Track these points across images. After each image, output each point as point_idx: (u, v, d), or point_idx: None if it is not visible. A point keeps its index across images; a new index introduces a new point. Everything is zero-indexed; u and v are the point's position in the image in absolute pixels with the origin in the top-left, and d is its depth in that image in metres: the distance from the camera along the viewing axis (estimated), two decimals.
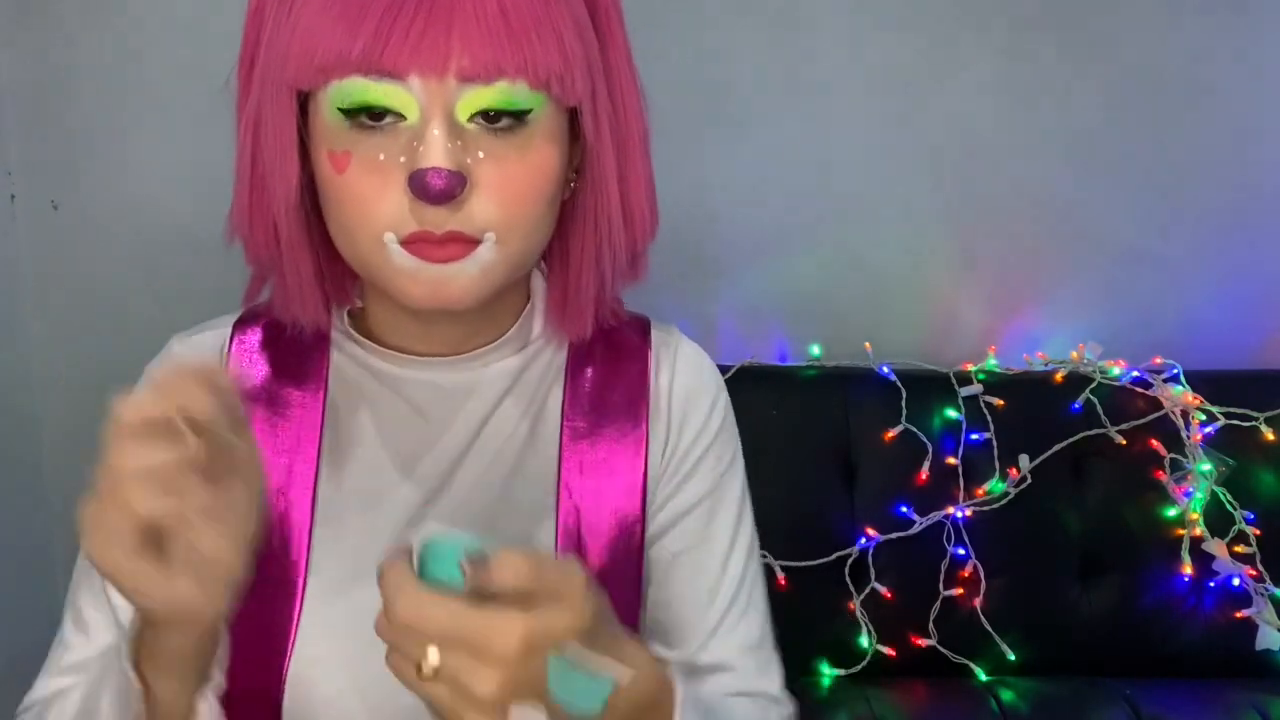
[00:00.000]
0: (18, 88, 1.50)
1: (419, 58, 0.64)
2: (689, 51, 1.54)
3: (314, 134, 0.69)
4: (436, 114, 0.65)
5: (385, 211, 0.67)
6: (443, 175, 0.64)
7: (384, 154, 0.66)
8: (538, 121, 0.68)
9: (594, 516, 0.79)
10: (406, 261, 0.68)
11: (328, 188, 0.69)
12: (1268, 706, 1.41)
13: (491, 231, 0.68)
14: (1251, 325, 1.66)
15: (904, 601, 1.51)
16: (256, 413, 0.78)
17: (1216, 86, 1.59)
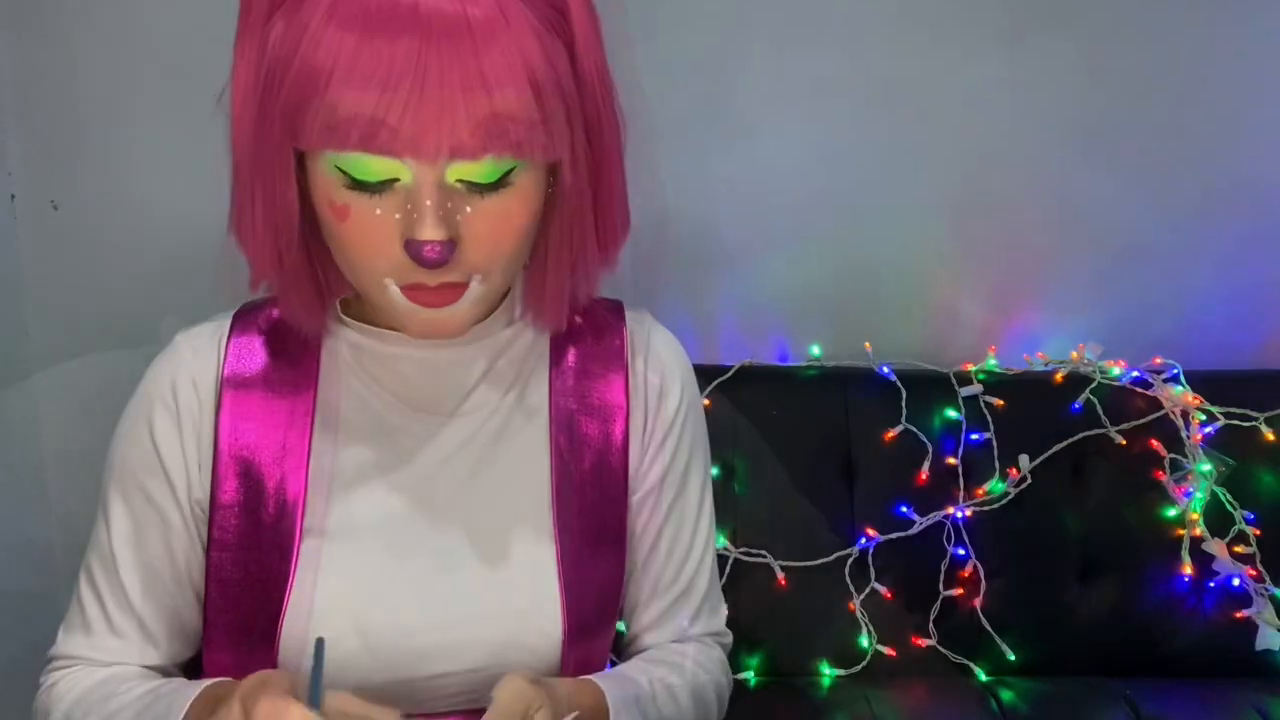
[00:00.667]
0: (18, 88, 1.49)
1: (411, 144, 0.69)
2: (689, 52, 1.54)
3: (313, 180, 0.75)
4: (427, 182, 0.72)
5: (384, 263, 0.75)
6: (436, 249, 0.72)
7: (380, 210, 0.73)
8: (520, 177, 0.74)
9: (583, 482, 0.88)
10: (405, 303, 0.76)
11: (330, 232, 0.76)
12: (1268, 706, 1.41)
13: (478, 273, 0.76)
14: (1251, 325, 1.66)
15: (904, 601, 1.51)
16: (254, 393, 0.85)
17: (1217, 85, 1.59)
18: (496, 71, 0.68)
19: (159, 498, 0.85)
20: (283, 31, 0.71)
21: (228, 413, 0.84)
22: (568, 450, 0.88)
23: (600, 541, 0.88)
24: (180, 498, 0.85)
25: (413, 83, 0.67)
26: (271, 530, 0.83)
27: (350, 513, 0.84)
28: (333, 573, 0.83)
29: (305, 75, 0.69)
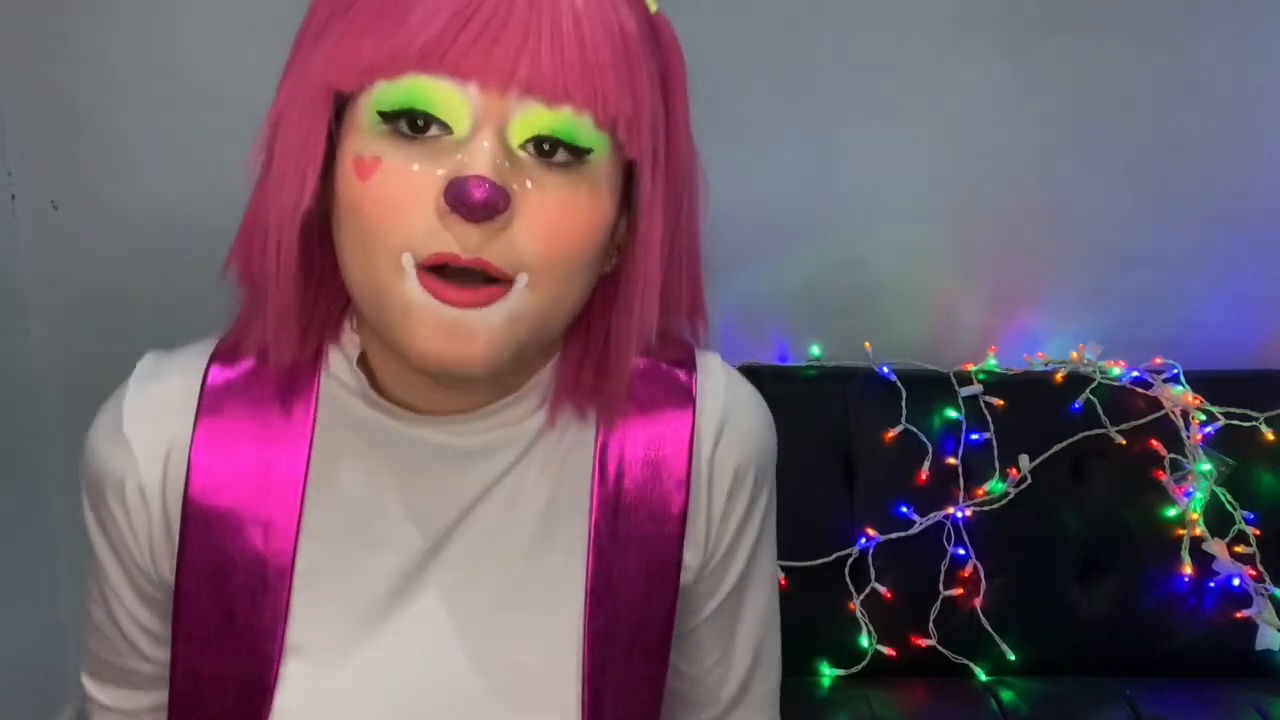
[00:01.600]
0: (18, 88, 1.50)
1: (485, 61, 0.57)
2: (689, 53, 1.54)
3: (344, 140, 0.61)
4: (488, 128, 0.58)
5: (409, 226, 0.59)
6: (485, 185, 0.57)
7: (419, 164, 0.59)
8: (597, 165, 0.61)
9: (625, 584, 0.72)
10: (421, 296, 0.59)
11: (347, 198, 0.60)
12: (1268, 706, 1.41)
13: (526, 272, 0.60)
14: (1251, 325, 1.66)
15: (904, 601, 1.51)
16: (231, 474, 0.69)
17: (1216, 88, 1.59)
18: (590, 19, 0.58)
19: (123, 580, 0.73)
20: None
21: (198, 494, 0.68)
22: (609, 544, 0.72)
23: (637, 653, 0.73)
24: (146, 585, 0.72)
25: (498, 6, 0.57)
26: (248, 634, 0.69)
27: (343, 622, 0.70)
28: (321, 694, 0.69)
29: None
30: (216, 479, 0.68)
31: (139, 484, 0.68)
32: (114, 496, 0.69)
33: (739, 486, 0.74)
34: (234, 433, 0.69)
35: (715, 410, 0.74)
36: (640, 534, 0.72)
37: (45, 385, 1.58)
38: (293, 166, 0.61)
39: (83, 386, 1.59)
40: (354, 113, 0.60)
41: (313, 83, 0.60)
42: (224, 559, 0.68)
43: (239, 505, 0.68)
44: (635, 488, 0.72)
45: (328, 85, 0.60)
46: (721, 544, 0.75)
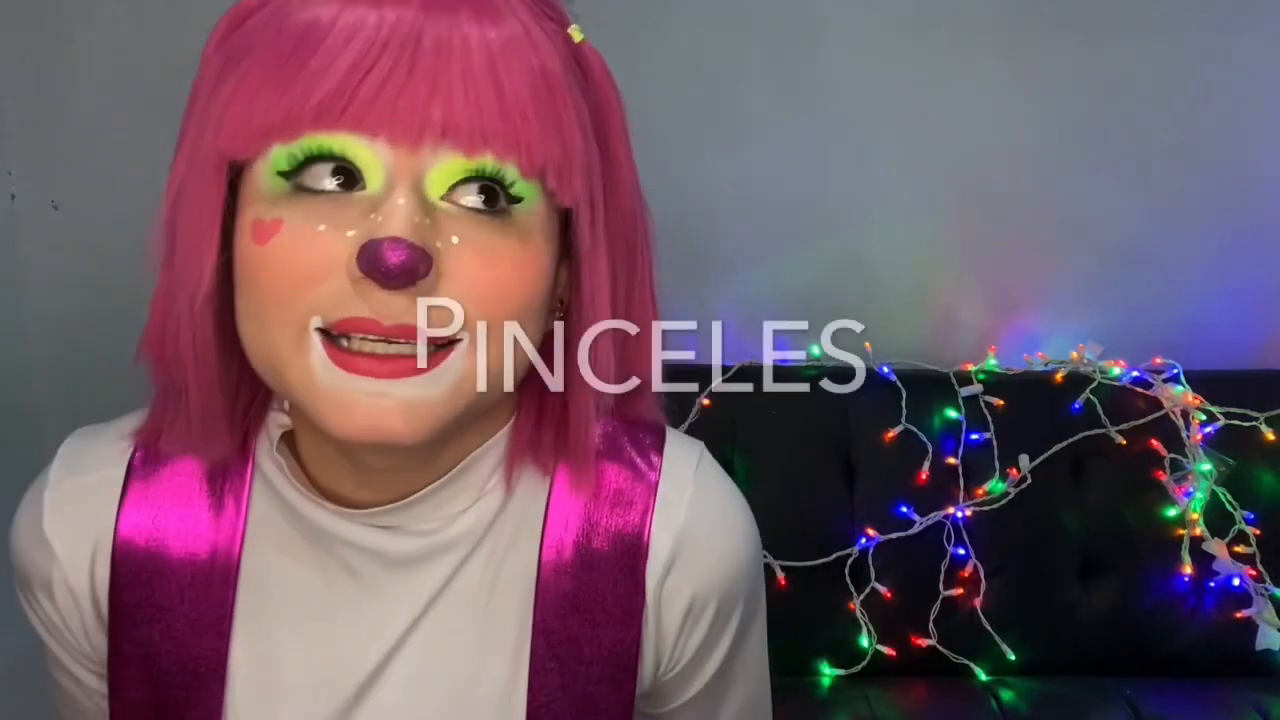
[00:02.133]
0: (18, 88, 1.50)
1: (392, 114, 0.51)
2: (690, 53, 1.54)
3: (241, 210, 0.55)
4: (404, 181, 0.52)
5: (314, 295, 0.52)
6: (403, 248, 0.50)
7: (326, 224, 0.52)
8: (527, 214, 0.55)
9: (570, 698, 0.65)
10: (332, 373, 0.52)
11: (244, 266, 0.54)
12: (1268, 706, 1.41)
13: (462, 334, 0.53)
14: (1251, 325, 1.66)
15: (904, 601, 1.50)
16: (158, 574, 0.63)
17: (1217, 87, 1.59)
18: (506, 61, 0.52)
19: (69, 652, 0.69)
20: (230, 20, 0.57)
21: (126, 594, 0.64)
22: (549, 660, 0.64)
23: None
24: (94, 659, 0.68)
25: (401, 51, 0.51)
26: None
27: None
28: None
29: (263, 51, 0.53)
30: (142, 573, 0.64)
31: (65, 582, 0.65)
32: (42, 593, 0.66)
33: (696, 616, 0.65)
34: (161, 525, 0.64)
35: (673, 526, 0.64)
36: (583, 656, 0.64)
37: (45, 386, 1.58)
38: (193, 245, 0.56)
39: (83, 387, 1.59)
40: (251, 178, 0.54)
41: (205, 153, 0.54)
42: (153, 652, 0.64)
43: (167, 599, 0.64)
44: (578, 603, 0.64)
45: (220, 154, 0.54)
46: (680, 660, 0.67)
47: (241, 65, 0.53)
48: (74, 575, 0.64)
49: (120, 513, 0.64)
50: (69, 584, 0.65)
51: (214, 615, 0.63)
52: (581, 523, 0.64)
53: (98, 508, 0.64)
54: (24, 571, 0.67)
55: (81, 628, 0.66)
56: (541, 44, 0.54)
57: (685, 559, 0.64)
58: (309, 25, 0.52)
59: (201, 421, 0.60)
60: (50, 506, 0.65)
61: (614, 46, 1.65)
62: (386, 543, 0.62)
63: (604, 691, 0.64)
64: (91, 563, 0.64)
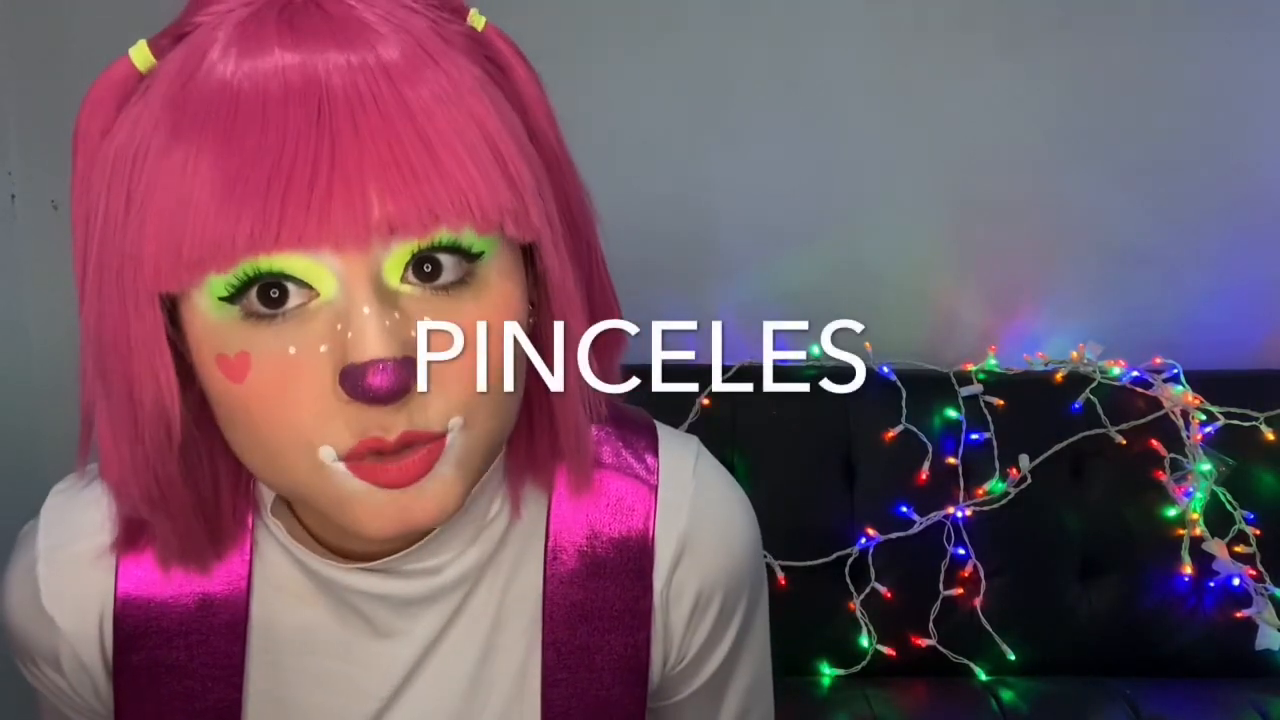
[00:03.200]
0: (18, 88, 1.50)
1: (328, 223, 0.46)
2: (691, 54, 1.54)
3: (192, 339, 0.51)
4: (361, 283, 0.48)
5: (312, 422, 0.50)
6: (388, 371, 0.47)
7: (295, 346, 0.49)
8: (489, 266, 0.51)
9: (584, 707, 0.65)
10: (358, 487, 0.51)
11: (225, 401, 0.51)
12: (1268, 706, 1.41)
13: (456, 417, 0.51)
14: (1251, 325, 1.66)
15: (904, 601, 1.50)
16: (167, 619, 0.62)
17: (1216, 87, 1.59)
18: (428, 111, 0.48)
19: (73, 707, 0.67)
20: (123, 142, 0.51)
21: (131, 660, 0.62)
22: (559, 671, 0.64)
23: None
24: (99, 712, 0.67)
25: (318, 139, 0.46)
26: None
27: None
28: None
29: (163, 160, 0.48)
30: (148, 633, 0.62)
31: (74, 655, 0.62)
32: (49, 667, 0.64)
33: (703, 609, 0.66)
34: (162, 585, 0.61)
35: (677, 527, 0.64)
36: (592, 664, 0.64)
37: (45, 385, 1.58)
38: (141, 387, 0.51)
39: None
40: (191, 306, 0.50)
41: (131, 293, 0.50)
42: (165, 708, 0.63)
43: (175, 657, 0.62)
44: (586, 613, 0.64)
45: (149, 293, 0.49)
46: (688, 653, 0.67)
47: (140, 180, 0.49)
48: (82, 646, 0.62)
49: (118, 577, 0.62)
50: (78, 656, 0.62)
51: (225, 667, 0.62)
52: (585, 532, 0.64)
53: (95, 575, 0.62)
54: (25, 645, 0.64)
55: (93, 692, 0.64)
56: (453, 71, 0.50)
57: (690, 557, 0.65)
58: (206, 122, 0.48)
59: (181, 543, 0.59)
60: (46, 581, 0.62)
61: (615, 46, 1.66)
62: (393, 587, 0.61)
63: (616, 695, 0.64)
64: (99, 631, 0.62)
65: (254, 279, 0.48)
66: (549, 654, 0.63)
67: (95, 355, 0.53)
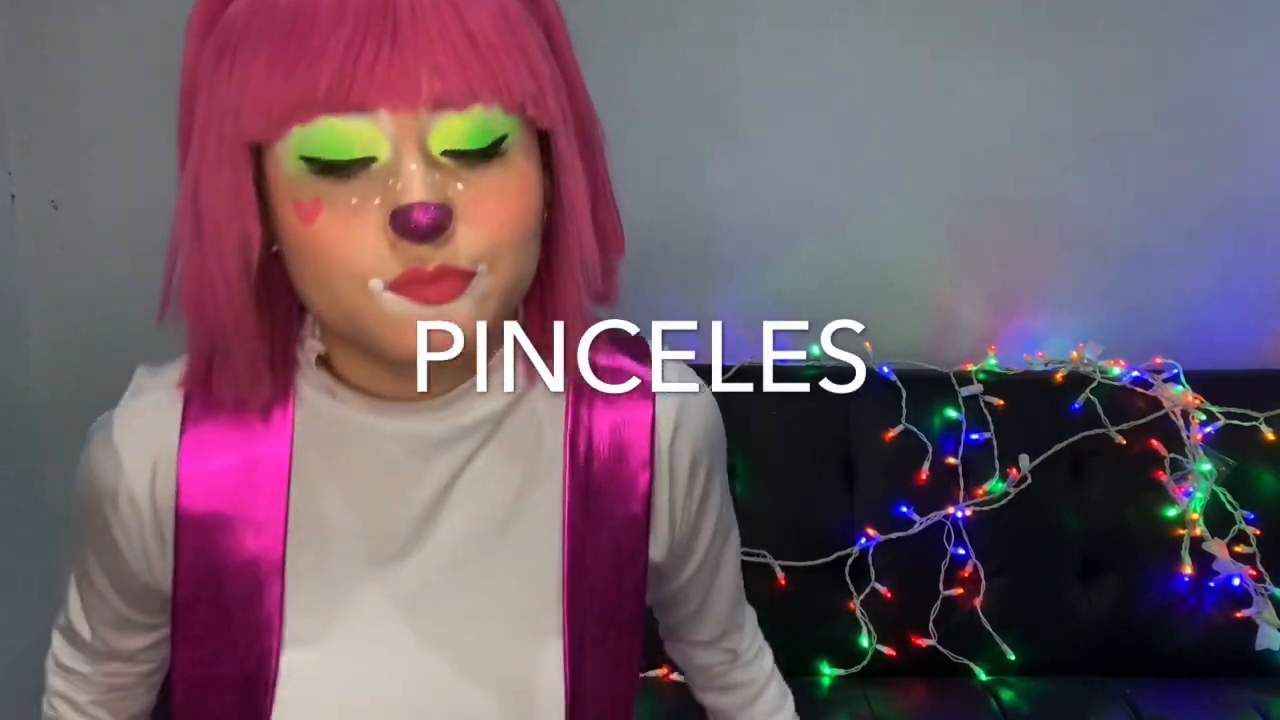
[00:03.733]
0: (18, 88, 1.50)
1: (388, 88, 0.60)
2: (691, 54, 1.54)
3: (274, 189, 0.64)
4: (410, 148, 0.61)
5: (366, 257, 0.62)
6: (430, 210, 0.60)
7: (357, 198, 0.62)
8: (513, 147, 0.64)
9: (598, 562, 0.77)
10: (399, 307, 0.63)
11: (296, 241, 0.63)
12: (1268, 706, 1.41)
13: (482, 262, 0.64)
14: (1251, 325, 1.66)
15: (904, 601, 1.51)
16: (218, 482, 0.72)
17: (1216, 88, 1.59)
18: (473, 9, 0.61)
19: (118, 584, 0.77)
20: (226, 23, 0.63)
21: (188, 504, 0.72)
22: (582, 523, 0.76)
23: (614, 625, 0.78)
24: (140, 588, 0.76)
25: (384, 22, 0.59)
26: (244, 635, 0.72)
27: (335, 616, 0.73)
28: (322, 685, 0.73)
29: (263, 35, 0.60)
30: (204, 485, 0.72)
31: (129, 493, 0.72)
32: (108, 505, 0.73)
33: (696, 471, 0.81)
34: (218, 440, 0.72)
35: (672, 403, 0.80)
36: (610, 514, 0.77)
37: (45, 385, 1.58)
38: (229, 227, 0.64)
39: (82, 387, 1.59)
40: (275, 160, 0.63)
41: (227, 140, 0.62)
42: (218, 562, 0.72)
43: (228, 508, 0.72)
44: (604, 469, 0.77)
45: (243, 140, 0.62)
46: (686, 524, 0.81)
47: (241, 54, 0.61)
48: (138, 486, 0.72)
49: (182, 429, 0.72)
50: (133, 495, 0.72)
51: (270, 518, 0.72)
52: (602, 406, 0.78)
53: (161, 425, 0.73)
54: (90, 488, 0.73)
55: (141, 542, 0.73)
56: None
57: (685, 423, 0.80)
58: (297, 10, 0.60)
59: (247, 369, 0.70)
60: (119, 423, 0.73)
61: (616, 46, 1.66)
62: (421, 426, 0.72)
63: (628, 545, 0.78)
64: (153, 475, 0.72)
65: (330, 161, 0.61)
66: (573, 502, 0.76)
67: (191, 201, 0.65)
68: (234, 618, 0.72)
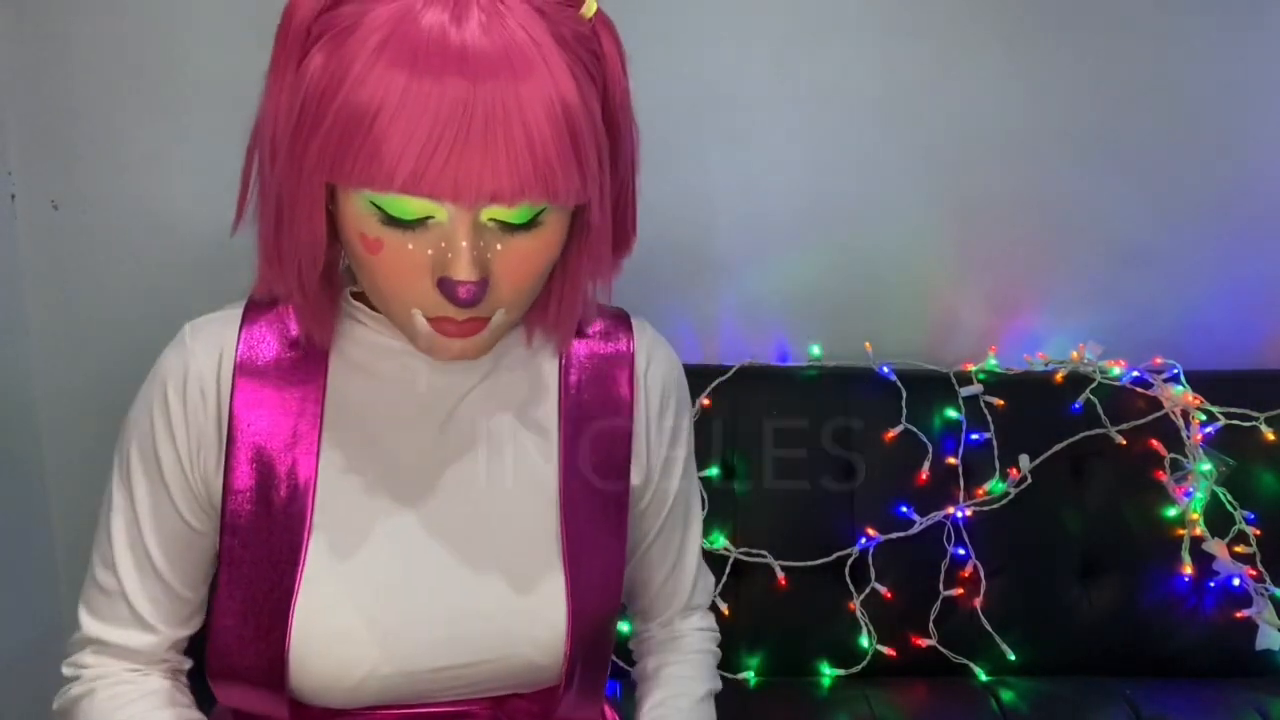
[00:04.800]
0: (18, 88, 1.49)
1: (453, 187, 0.69)
2: (691, 54, 1.54)
3: (344, 217, 0.76)
4: (463, 223, 0.73)
5: (414, 295, 0.76)
6: (471, 290, 0.73)
7: (413, 245, 0.74)
8: (550, 215, 0.76)
9: (589, 473, 0.90)
10: (429, 332, 0.78)
11: (360, 260, 0.77)
12: (1268, 706, 1.41)
13: (503, 307, 0.78)
14: (1251, 325, 1.66)
15: (904, 601, 1.51)
16: (266, 383, 0.86)
17: (1216, 87, 1.59)
18: (537, 119, 0.69)
19: (171, 479, 0.86)
20: (323, 64, 0.71)
21: (241, 401, 0.85)
22: (573, 439, 0.89)
23: (603, 533, 0.90)
24: (192, 481, 0.86)
25: (459, 128, 0.68)
26: (283, 516, 0.84)
27: (360, 505, 0.85)
28: (344, 565, 0.83)
29: (351, 112, 0.69)
30: (255, 389, 0.85)
31: (199, 379, 0.85)
32: (175, 390, 0.85)
33: (666, 402, 0.95)
34: (269, 356, 0.86)
35: (645, 347, 0.95)
36: (597, 428, 0.91)
37: (45, 385, 1.58)
38: (304, 240, 0.77)
39: (82, 386, 1.59)
40: (348, 197, 0.74)
41: (310, 180, 0.73)
42: (263, 448, 0.84)
43: (273, 410, 0.85)
44: (592, 392, 0.91)
45: (322, 180, 0.73)
46: (658, 456, 0.95)
47: (328, 114, 0.70)
48: (206, 368, 0.85)
49: (240, 334, 0.86)
50: (201, 376, 0.85)
51: (308, 415, 0.85)
52: (587, 352, 0.93)
53: (225, 330, 0.87)
54: (164, 375, 0.86)
55: (199, 429, 0.85)
56: (557, 68, 0.71)
57: (654, 361, 0.95)
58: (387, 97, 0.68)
59: (312, 319, 0.85)
60: (190, 328, 0.87)
61: None
62: None
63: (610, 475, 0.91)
64: (219, 363, 0.85)
65: (397, 218, 0.73)
66: (565, 421, 0.90)
67: (273, 207, 0.77)
68: (273, 503, 0.84)
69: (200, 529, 0.87)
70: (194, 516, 0.87)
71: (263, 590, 0.83)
